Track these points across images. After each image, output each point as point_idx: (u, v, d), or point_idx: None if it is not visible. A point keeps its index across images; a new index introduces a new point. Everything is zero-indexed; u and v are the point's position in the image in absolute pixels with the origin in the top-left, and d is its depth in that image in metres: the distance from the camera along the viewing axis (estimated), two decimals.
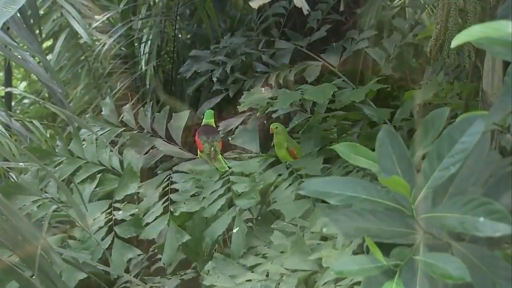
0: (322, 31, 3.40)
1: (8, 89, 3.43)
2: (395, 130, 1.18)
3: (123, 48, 4.81)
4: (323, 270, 1.93)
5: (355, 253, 1.85)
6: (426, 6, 3.50)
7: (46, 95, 5.09)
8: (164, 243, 2.40)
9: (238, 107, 2.74)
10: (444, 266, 0.95)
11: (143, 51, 4.55)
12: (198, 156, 2.69)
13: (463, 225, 0.96)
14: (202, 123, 2.79)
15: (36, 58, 2.57)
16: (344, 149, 1.22)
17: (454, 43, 0.90)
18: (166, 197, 2.47)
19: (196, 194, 2.47)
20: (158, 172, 2.70)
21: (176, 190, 2.50)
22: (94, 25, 4.50)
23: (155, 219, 2.42)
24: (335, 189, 1.06)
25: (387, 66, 3.38)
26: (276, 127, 2.67)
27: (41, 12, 4.31)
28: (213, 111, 2.84)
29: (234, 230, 2.35)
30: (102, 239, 2.42)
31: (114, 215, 2.49)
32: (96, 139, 2.75)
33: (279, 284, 2.01)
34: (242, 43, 3.59)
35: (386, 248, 1.05)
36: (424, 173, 1.06)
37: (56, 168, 2.69)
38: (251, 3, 2.07)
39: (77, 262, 2.23)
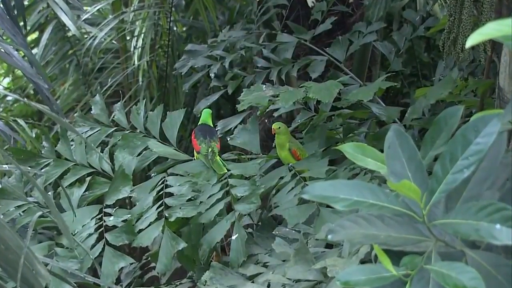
0: (327, 24, 3.40)
1: None
2: (405, 130, 1.18)
3: (114, 42, 4.82)
4: (328, 280, 1.93)
5: (362, 262, 1.84)
6: None
7: (31, 91, 5.10)
8: (158, 250, 2.39)
9: (237, 105, 2.74)
10: (457, 276, 0.96)
11: (136, 45, 4.56)
12: (195, 157, 2.69)
13: (478, 232, 0.96)
14: (199, 123, 2.79)
15: (21, 52, 2.57)
16: (351, 150, 1.22)
17: (469, 42, 0.90)
18: (161, 201, 2.47)
19: (192, 199, 2.47)
20: (152, 174, 2.70)
21: (171, 194, 2.50)
22: (84, 17, 4.50)
23: (149, 225, 2.42)
24: (341, 193, 1.06)
25: (396, 61, 3.38)
26: (279, 127, 2.67)
27: (26, 2, 4.32)
28: (210, 110, 2.85)
29: (233, 237, 2.35)
30: (92, 247, 2.42)
31: (104, 221, 2.49)
32: (85, 141, 2.75)
33: None
34: (241, 37, 3.59)
35: (395, 257, 1.05)
36: (436, 176, 1.06)
37: (42, 171, 2.69)
38: None
39: (64, 273, 2.23)
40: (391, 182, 1.03)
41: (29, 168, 2.66)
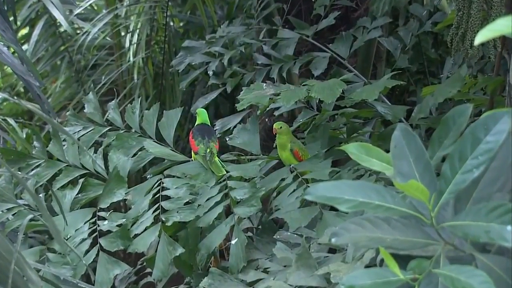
0: (330, 19, 3.41)
1: None
2: (411, 129, 1.18)
3: (108, 38, 4.82)
4: (332, 286, 1.93)
5: (367, 267, 1.85)
6: None
7: (22, 89, 5.11)
8: (154, 255, 2.39)
9: (236, 104, 2.74)
10: (467, 280, 0.96)
11: (131, 41, 4.56)
12: (192, 158, 2.70)
13: (489, 234, 0.97)
14: (197, 123, 2.79)
15: (11, 48, 2.58)
16: (355, 150, 1.23)
17: (479, 39, 0.90)
18: (157, 205, 2.47)
19: (190, 202, 2.47)
20: (148, 176, 2.70)
21: (168, 197, 2.50)
22: (76, 11, 4.51)
23: (145, 229, 2.41)
24: (346, 194, 1.06)
25: (403, 58, 3.38)
26: (280, 127, 2.67)
27: None
28: (205, 110, 2.84)
29: (233, 242, 2.35)
30: (86, 253, 2.41)
31: (98, 226, 2.49)
32: (78, 139, 2.75)
33: None
34: (241, 32, 3.60)
35: (402, 261, 1.05)
36: (444, 176, 1.07)
37: (33, 172, 2.69)
38: None
39: (57, 279, 2.23)
40: (398, 183, 1.03)
41: (18, 170, 2.66)
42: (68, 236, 2.46)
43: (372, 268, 1.06)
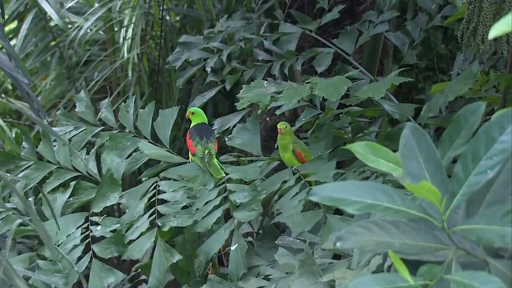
0: (334, 13, 3.41)
1: None
2: None
3: (101, 33, 4.82)
4: None
5: (373, 274, 1.84)
6: None
7: (10, 87, 5.11)
8: (150, 262, 2.40)
9: (236, 103, 2.74)
10: (481, 286, 0.96)
11: (125, 36, 4.56)
12: (190, 159, 2.70)
13: (504, 238, 0.97)
14: (194, 122, 2.79)
15: None
16: (361, 150, 1.22)
17: (492, 33, 0.90)
18: (153, 209, 2.47)
19: (187, 206, 2.47)
20: (143, 179, 2.70)
21: (164, 201, 2.50)
22: (67, 5, 4.51)
23: (140, 235, 2.42)
24: (353, 195, 1.06)
25: (411, 54, 3.38)
26: (286, 126, 2.67)
27: None
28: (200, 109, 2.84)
29: (232, 247, 2.35)
30: (78, 260, 2.41)
31: (91, 231, 2.49)
32: (70, 140, 2.75)
33: None
34: (240, 27, 3.60)
35: (411, 266, 1.05)
36: (456, 178, 1.07)
37: (22, 174, 2.69)
38: None
39: None
40: (407, 184, 1.03)
41: (6, 172, 2.66)
42: (59, 242, 2.46)
43: (381, 273, 1.06)
